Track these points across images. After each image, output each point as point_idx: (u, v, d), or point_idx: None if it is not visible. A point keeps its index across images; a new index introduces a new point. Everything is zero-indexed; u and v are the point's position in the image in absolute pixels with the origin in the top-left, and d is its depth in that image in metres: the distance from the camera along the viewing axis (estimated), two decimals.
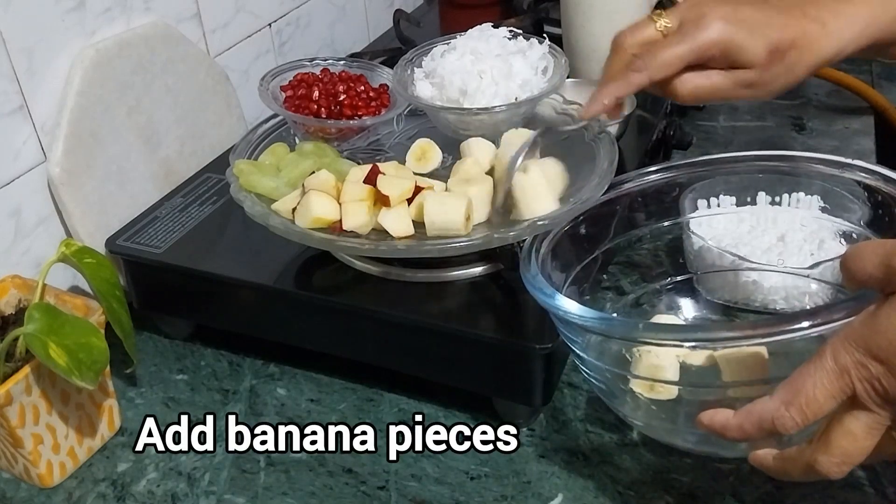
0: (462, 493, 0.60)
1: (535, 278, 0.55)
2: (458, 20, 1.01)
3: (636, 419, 0.57)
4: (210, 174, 0.82)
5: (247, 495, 0.60)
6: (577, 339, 0.54)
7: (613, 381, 0.55)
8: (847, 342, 0.41)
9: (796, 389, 0.42)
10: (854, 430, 0.41)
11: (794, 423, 0.42)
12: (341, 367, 0.69)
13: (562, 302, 0.51)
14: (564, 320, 0.52)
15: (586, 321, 0.50)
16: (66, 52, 0.71)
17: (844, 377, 0.41)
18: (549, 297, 0.52)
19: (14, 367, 0.58)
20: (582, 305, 0.51)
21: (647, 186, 0.66)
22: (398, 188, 0.62)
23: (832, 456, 0.42)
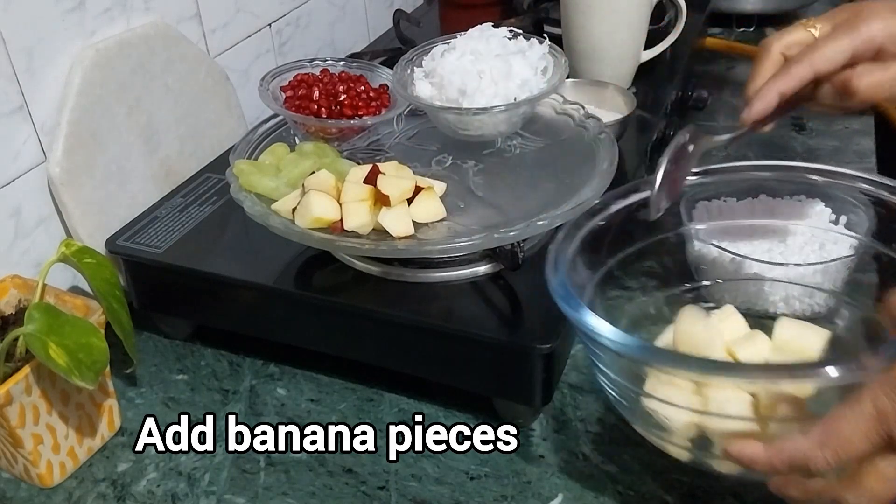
0: (462, 493, 0.60)
1: (562, 288, 0.53)
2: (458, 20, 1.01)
3: (651, 437, 0.56)
4: (210, 174, 0.82)
5: (247, 495, 0.60)
6: (601, 354, 0.53)
7: (634, 400, 0.54)
8: (886, 387, 0.41)
9: (832, 431, 0.42)
10: (887, 474, 0.42)
11: (827, 464, 0.42)
12: (341, 367, 0.69)
13: (593, 321, 0.49)
14: (592, 339, 0.51)
15: (621, 347, 0.49)
16: (66, 52, 0.71)
17: (882, 422, 0.41)
18: (578, 313, 0.51)
19: (14, 367, 0.58)
20: (618, 330, 0.49)
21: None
22: (398, 188, 0.62)
23: (861, 496, 0.42)
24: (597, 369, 0.55)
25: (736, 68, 1.19)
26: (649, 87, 0.93)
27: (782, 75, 0.54)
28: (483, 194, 0.68)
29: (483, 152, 0.73)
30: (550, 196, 0.66)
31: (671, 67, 0.98)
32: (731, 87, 1.14)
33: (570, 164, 0.70)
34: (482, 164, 0.72)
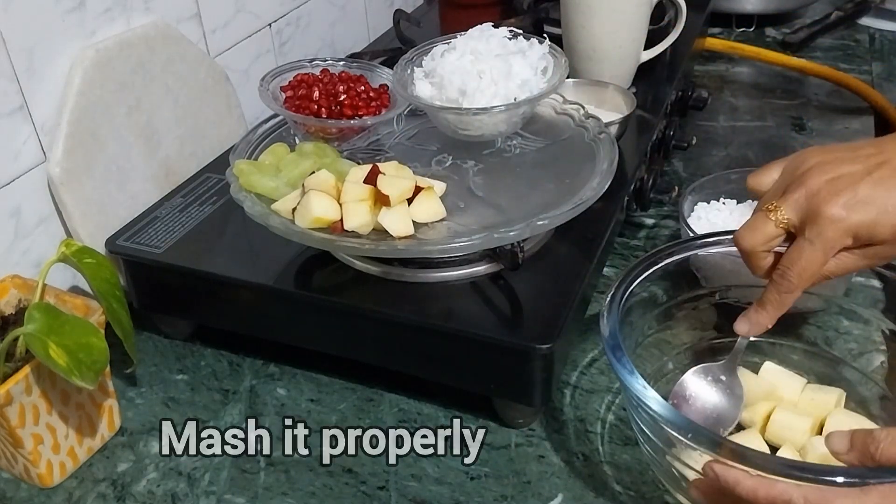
0: (462, 493, 0.60)
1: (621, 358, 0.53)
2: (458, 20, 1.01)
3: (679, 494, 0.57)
4: (210, 174, 0.82)
5: (247, 495, 0.60)
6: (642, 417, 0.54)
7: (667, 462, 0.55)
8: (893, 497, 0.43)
9: (825, 499, 0.44)
10: None
11: None
12: (341, 367, 0.69)
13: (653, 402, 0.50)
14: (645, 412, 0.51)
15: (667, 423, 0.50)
16: (66, 52, 0.71)
17: None
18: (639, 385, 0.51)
19: (14, 367, 0.58)
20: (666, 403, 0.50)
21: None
22: (398, 188, 0.62)
23: None
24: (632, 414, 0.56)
25: (736, 68, 1.19)
26: (649, 87, 0.93)
27: (776, 305, 0.55)
28: (483, 194, 0.68)
29: (483, 152, 0.73)
30: (550, 196, 0.66)
31: (671, 67, 0.98)
32: (731, 87, 1.14)
33: (570, 164, 0.70)
34: (482, 164, 0.72)
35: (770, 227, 0.54)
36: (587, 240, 0.69)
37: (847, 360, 0.65)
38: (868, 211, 0.51)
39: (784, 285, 0.54)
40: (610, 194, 0.67)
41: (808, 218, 0.52)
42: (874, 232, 0.51)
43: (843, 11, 1.27)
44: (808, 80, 1.14)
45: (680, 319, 0.65)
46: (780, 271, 0.54)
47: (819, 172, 0.53)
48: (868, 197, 0.51)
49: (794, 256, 0.53)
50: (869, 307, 0.64)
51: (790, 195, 0.53)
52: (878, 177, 0.52)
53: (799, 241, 0.53)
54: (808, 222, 0.52)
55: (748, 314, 0.57)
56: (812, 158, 0.54)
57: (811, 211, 0.52)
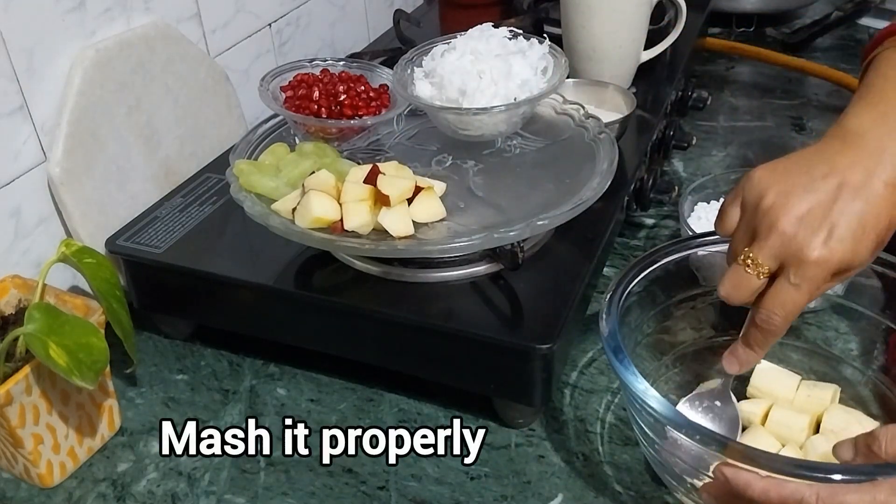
0: (462, 493, 0.60)
1: (622, 358, 0.53)
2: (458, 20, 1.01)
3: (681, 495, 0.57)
4: (210, 174, 0.82)
5: (247, 495, 0.60)
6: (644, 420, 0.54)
7: (669, 462, 0.55)
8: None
9: (837, 495, 0.44)
10: None
11: None
12: (341, 367, 0.69)
13: (654, 401, 0.50)
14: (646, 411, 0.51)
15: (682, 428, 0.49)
16: (66, 52, 0.71)
17: None
18: (640, 385, 0.51)
19: (14, 367, 0.58)
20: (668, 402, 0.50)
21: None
22: (398, 188, 0.62)
23: None
24: (633, 415, 0.56)
25: (736, 68, 1.19)
26: (649, 87, 0.93)
27: (763, 346, 0.55)
28: (483, 194, 0.68)
29: (483, 152, 0.73)
30: (550, 196, 0.66)
31: (671, 67, 0.98)
32: (731, 87, 1.15)
33: (570, 164, 0.70)
34: (482, 164, 0.72)
35: (752, 280, 0.53)
36: (587, 240, 0.69)
37: (847, 359, 0.65)
38: (845, 244, 0.50)
39: (771, 329, 0.53)
40: (610, 194, 0.67)
41: (789, 263, 0.51)
42: (853, 261, 0.51)
43: (843, 11, 1.27)
44: (808, 80, 1.14)
45: (679, 318, 0.65)
46: (765, 315, 0.53)
47: (785, 209, 0.51)
48: (843, 230, 0.50)
49: (779, 300, 0.52)
50: (869, 307, 0.64)
51: (764, 242, 0.52)
52: (843, 204, 0.51)
53: (782, 284, 0.52)
54: (791, 267, 0.51)
55: (736, 353, 0.56)
56: (769, 190, 0.53)
57: (792, 256, 0.51)
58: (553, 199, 0.65)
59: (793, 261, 0.51)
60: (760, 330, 0.54)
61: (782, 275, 0.52)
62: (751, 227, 0.53)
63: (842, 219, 0.50)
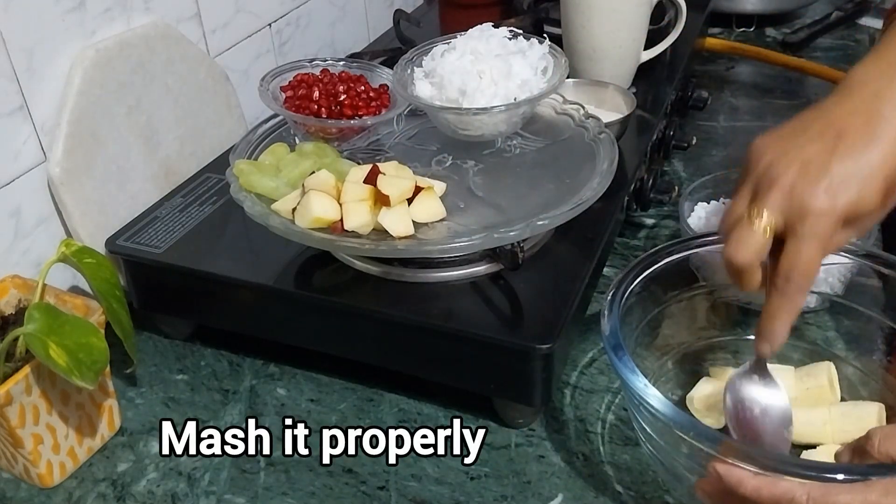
0: (462, 493, 0.60)
1: (622, 357, 0.53)
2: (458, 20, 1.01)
3: (681, 494, 0.57)
4: (210, 174, 0.82)
5: (247, 495, 0.60)
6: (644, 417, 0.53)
7: (669, 461, 0.55)
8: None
9: (829, 495, 0.44)
10: None
11: None
12: (341, 367, 0.69)
13: (655, 399, 0.50)
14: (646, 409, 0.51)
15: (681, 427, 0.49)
16: (66, 52, 0.71)
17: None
18: (640, 383, 0.51)
19: (14, 367, 0.58)
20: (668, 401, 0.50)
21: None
22: (398, 188, 0.62)
23: None
24: (633, 413, 0.56)
25: (736, 68, 1.19)
26: (649, 87, 0.93)
27: (788, 309, 0.52)
28: (483, 194, 0.68)
29: (483, 152, 0.73)
30: (550, 196, 0.66)
31: (671, 67, 0.98)
32: (731, 87, 1.14)
33: (570, 164, 0.70)
34: (482, 164, 0.72)
35: (758, 236, 0.51)
36: (587, 240, 0.69)
37: (847, 359, 0.65)
38: (849, 189, 0.49)
39: (792, 289, 0.51)
40: (610, 194, 0.67)
41: (794, 216, 0.50)
42: (860, 207, 0.49)
43: (843, 11, 1.27)
44: (808, 80, 1.14)
45: (680, 318, 0.65)
46: (784, 276, 0.51)
47: (784, 164, 0.50)
48: (845, 175, 0.49)
49: (793, 258, 0.50)
50: (869, 307, 0.64)
51: (765, 197, 0.51)
52: (843, 150, 0.49)
53: (792, 241, 0.50)
54: (797, 220, 0.50)
55: (762, 332, 0.53)
56: (766, 150, 0.52)
57: (796, 208, 0.50)
58: (553, 199, 0.65)
59: (797, 213, 0.50)
60: (782, 293, 0.51)
61: (790, 233, 0.50)
62: (752, 189, 0.52)
63: (842, 165, 0.49)
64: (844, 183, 0.49)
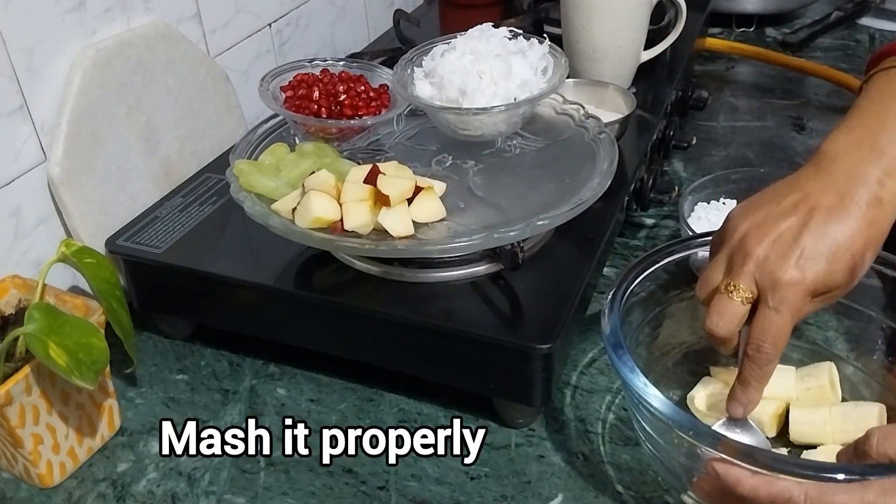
0: (462, 493, 0.60)
1: (622, 356, 0.53)
2: (458, 20, 1.01)
3: (681, 493, 0.57)
4: (210, 174, 0.82)
5: (247, 495, 0.60)
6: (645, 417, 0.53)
7: (669, 460, 0.55)
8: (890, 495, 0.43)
9: (826, 495, 0.44)
10: None
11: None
12: (341, 367, 0.69)
13: (654, 399, 0.50)
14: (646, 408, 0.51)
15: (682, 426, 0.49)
16: (66, 52, 0.71)
17: None
18: (640, 383, 0.51)
19: (14, 367, 0.58)
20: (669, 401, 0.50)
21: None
22: (398, 188, 0.62)
23: None
24: (633, 413, 0.56)
25: (736, 68, 1.19)
26: (649, 87, 0.93)
27: (760, 379, 0.54)
28: (483, 194, 0.68)
29: (483, 152, 0.73)
30: (550, 196, 0.66)
31: (671, 67, 0.98)
32: (731, 87, 1.14)
33: (570, 164, 0.70)
34: (482, 164, 0.72)
35: (737, 307, 0.53)
36: (587, 240, 0.69)
37: (847, 359, 0.65)
38: (818, 263, 0.51)
39: (763, 358, 0.53)
40: (610, 194, 0.67)
41: (766, 287, 0.52)
42: (829, 281, 0.51)
43: (843, 11, 1.27)
44: (808, 80, 1.14)
45: (680, 318, 0.65)
46: (755, 346, 0.53)
47: (757, 236, 0.52)
48: (814, 249, 0.51)
49: (764, 328, 0.52)
50: (869, 307, 0.64)
51: (740, 269, 0.52)
52: (814, 225, 0.51)
53: (763, 311, 0.52)
54: (769, 291, 0.51)
55: (736, 396, 0.55)
56: (742, 223, 0.53)
57: (767, 280, 0.51)
58: (553, 199, 0.65)
59: (768, 284, 0.51)
60: (753, 361, 0.53)
61: (762, 303, 0.52)
62: (728, 259, 0.54)
63: (813, 240, 0.51)
64: (813, 258, 0.51)
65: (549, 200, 0.65)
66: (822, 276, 0.51)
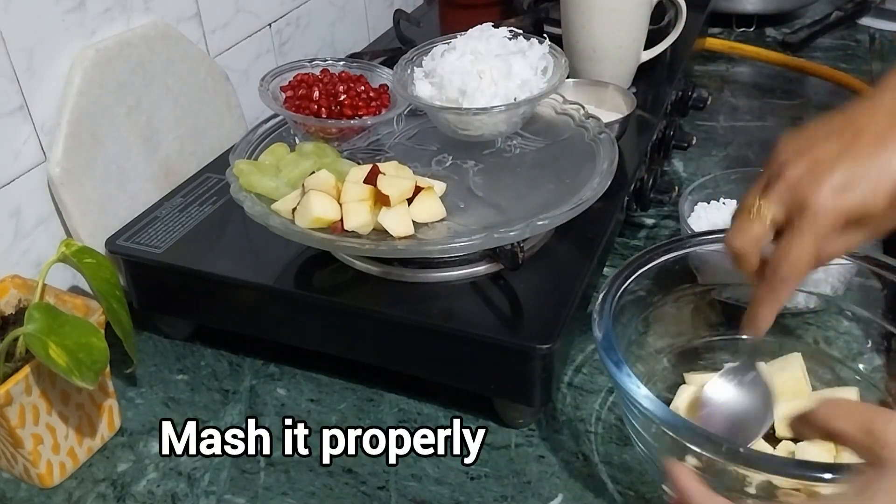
0: (462, 493, 0.60)
1: (607, 341, 0.53)
2: (458, 20, 1.01)
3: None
4: (210, 174, 0.82)
5: (247, 495, 0.60)
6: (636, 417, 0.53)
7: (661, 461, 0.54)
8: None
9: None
10: None
11: None
12: (341, 367, 0.69)
13: (645, 399, 0.50)
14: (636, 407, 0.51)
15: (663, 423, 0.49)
16: (66, 52, 0.71)
17: None
18: (631, 383, 0.51)
19: (14, 367, 0.58)
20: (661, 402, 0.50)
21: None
22: (398, 188, 0.62)
23: None
24: (624, 411, 0.55)
25: (736, 68, 1.19)
26: (649, 87, 0.93)
27: (772, 300, 0.53)
28: (483, 194, 0.68)
29: (483, 152, 0.73)
30: (550, 196, 0.66)
31: (671, 67, 0.98)
32: (731, 87, 1.14)
33: (570, 164, 0.70)
34: (482, 164, 0.72)
35: (757, 225, 0.52)
36: (587, 240, 0.69)
37: (847, 360, 0.65)
38: (854, 191, 0.49)
39: (777, 280, 0.52)
40: (610, 194, 0.67)
41: (794, 210, 0.50)
42: (865, 210, 0.49)
43: (843, 11, 1.27)
44: (808, 80, 1.14)
45: (675, 318, 0.65)
46: (773, 266, 0.52)
47: (795, 160, 0.51)
48: (851, 176, 0.49)
49: (784, 249, 0.51)
50: (869, 307, 0.64)
51: (771, 190, 0.52)
52: (855, 151, 0.49)
53: (788, 233, 0.51)
54: (796, 214, 0.50)
55: (748, 316, 0.55)
56: (787, 147, 0.53)
57: (796, 203, 0.50)
58: (553, 199, 0.65)
59: (795, 207, 0.50)
60: (768, 282, 0.52)
61: (787, 225, 0.51)
62: (765, 182, 0.53)
63: (852, 165, 0.49)
64: (850, 183, 0.49)
65: (549, 200, 0.65)
66: (857, 203, 0.49)
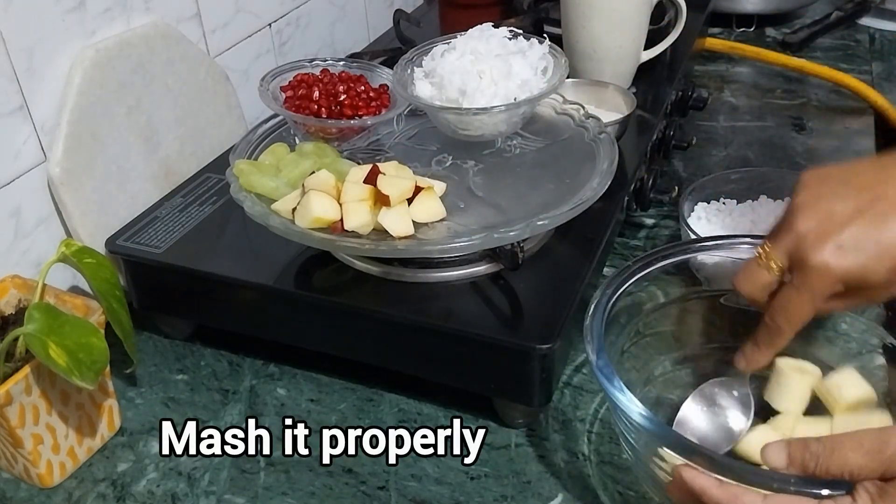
0: (462, 493, 0.60)
1: (605, 367, 0.52)
2: (458, 20, 1.01)
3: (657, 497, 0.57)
4: (210, 174, 0.82)
5: (247, 495, 0.60)
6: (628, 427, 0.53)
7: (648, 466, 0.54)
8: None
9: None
10: None
11: None
12: (341, 367, 0.69)
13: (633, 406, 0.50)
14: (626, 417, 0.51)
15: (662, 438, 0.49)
16: (66, 52, 0.71)
17: None
18: (622, 395, 0.51)
19: (14, 367, 0.58)
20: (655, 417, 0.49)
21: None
22: (398, 188, 0.62)
23: None
24: (621, 435, 0.55)
25: (736, 68, 1.19)
26: (649, 87, 0.93)
27: (769, 346, 0.54)
28: (483, 194, 0.68)
29: (483, 152, 0.73)
30: (550, 196, 0.66)
31: (671, 67, 0.98)
32: (731, 87, 1.14)
33: (570, 164, 0.70)
34: (482, 164, 0.72)
35: (763, 273, 0.52)
36: (587, 240, 0.69)
37: (847, 360, 0.64)
38: (857, 256, 0.48)
39: (774, 329, 0.52)
40: (610, 194, 0.67)
41: (795, 264, 0.50)
42: (865, 277, 0.49)
43: (843, 11, 1.27)
44: (808, 80, 1.14)
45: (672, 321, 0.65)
46: (771, 315, 0.52)
47: (808, 212, 0.50)
48: (858, 241, 0.48)
49: (782, 302, 0.51)
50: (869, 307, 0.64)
51: (780, 238, 0.51)
52: (870, 216, 0.48)
53: (787, 286, 0.51)
54: (796, 269, 0.50)
55: (744, 351, 0.55)
56: (805, 190, 0.52)
57: (798, 257, 0.50)
58: (553, 199, 0.65)
59: (797, 262, 0.50)
60: (766, 328, 0.53)
61: (788, 277, 0.51)
62: (779, 225, 0.53)
63: (862, 230, 0.48)
64: (854, 248, 0.48)
65: (549, 200, 0.65)
66: (857, 269, 0.48)
